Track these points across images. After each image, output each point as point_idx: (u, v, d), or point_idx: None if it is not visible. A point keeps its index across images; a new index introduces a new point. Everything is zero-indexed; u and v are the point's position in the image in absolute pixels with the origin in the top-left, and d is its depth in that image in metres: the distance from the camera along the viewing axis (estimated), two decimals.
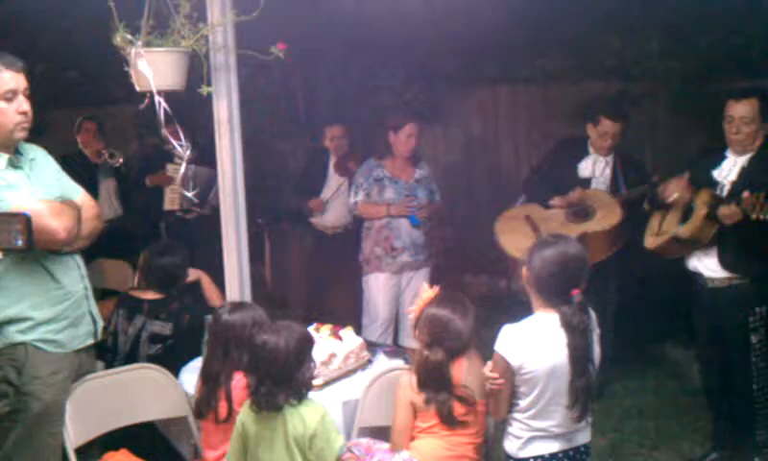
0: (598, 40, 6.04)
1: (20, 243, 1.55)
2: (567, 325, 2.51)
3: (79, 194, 3.02)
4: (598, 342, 2.66)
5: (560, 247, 2.59)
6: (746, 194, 3.33)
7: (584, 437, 2.70)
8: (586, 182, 4.46)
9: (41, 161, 2.95)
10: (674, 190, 3.71)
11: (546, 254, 2.58)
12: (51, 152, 3.08)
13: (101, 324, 3.11)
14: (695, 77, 5.62)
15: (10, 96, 2.72)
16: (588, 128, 4.52)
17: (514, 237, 4.32)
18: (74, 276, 2.94)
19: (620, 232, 4.21)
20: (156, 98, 2.92)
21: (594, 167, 4.51)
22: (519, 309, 2.71)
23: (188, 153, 3.08)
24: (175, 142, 3.07)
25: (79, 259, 2.98)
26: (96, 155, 5.73)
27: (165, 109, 2.94)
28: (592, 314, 2.62)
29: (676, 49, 5.74)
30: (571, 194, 4.39)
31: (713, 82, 5.32)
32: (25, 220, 1.51)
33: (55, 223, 2.68)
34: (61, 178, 3.02)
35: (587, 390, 2.53)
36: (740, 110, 3.53)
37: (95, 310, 3.06)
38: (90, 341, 3.03)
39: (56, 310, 2.84)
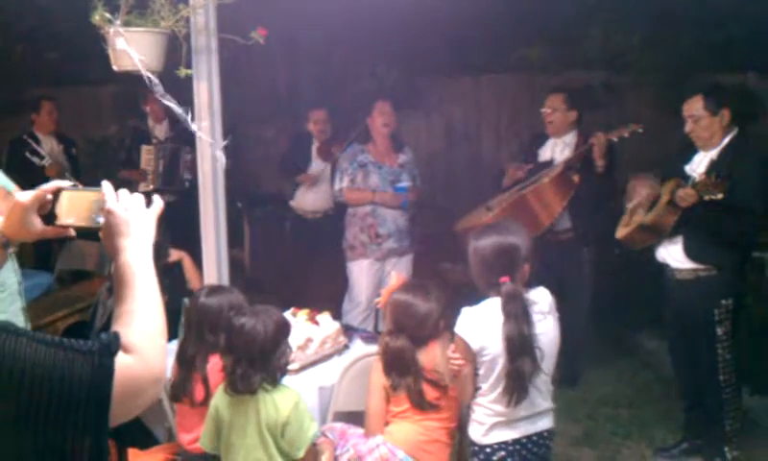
0: (582, 31, 6.06)
1: (101, 220, 1.48)
2: (503, 312, 2.52)
3: (12, 188, 2.75)
4: (557, 325, 2.65)
5: (491, 237, 2.61)
6: (701, 176, 3.43)
7: (547, 422, 2.69)
8: (546, 165, 4.59)
9: None
10: (643, 188, 3.78)
11: (479, 244, 2.61)
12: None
13: (29, 325, 2.91)
14: (677, 70, 5.66)
15: None
16: None
17: (470, 220, 4.60)
18: (8, 267, 2.72)
19: (565, 181, 4.37)
20: (146, 74, 2.88)
21: (554, 150, 4.65)
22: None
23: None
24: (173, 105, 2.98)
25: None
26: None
27: (155, 86, 2.91)
28: (547, 296, 2.64)
29: (659, 42, 5.78)
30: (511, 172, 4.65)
31: (695, 76, 5.36)
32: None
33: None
34: None
35: (520, 376, 2.51)
36: (688, 109, 3.65)
37: (24, 310, 2.87)
38: None
39: None
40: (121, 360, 1.22)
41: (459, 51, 6.50)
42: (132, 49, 2.85)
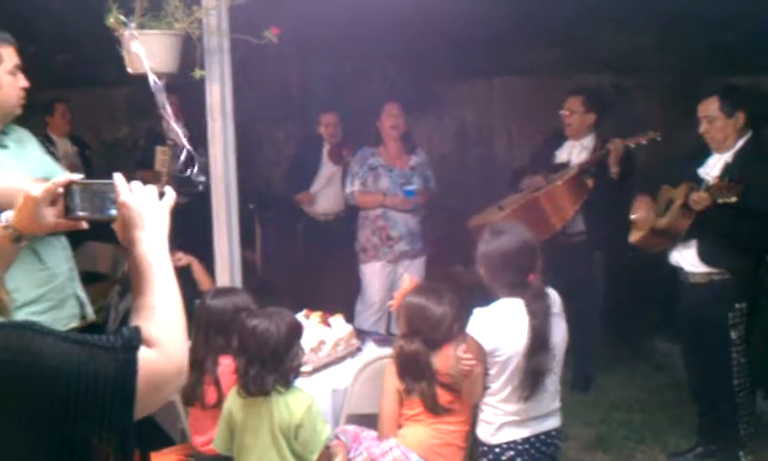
0: (592, 33, 6.04)
1: (114, 213, 1.46)
2: (528, 310, 2.54)
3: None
4: (565, 326, 2.69)
5: (514, 236, 2.62)
6: (714, 179, 3.43)
7: (555, 421, 2.72)
8: (561, 167, 4.57)
9: (27, 142, 2.88)
10: (641, 209, 3.84)
11: (502, 244, 2.61)
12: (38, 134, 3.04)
13: (89, 307, 3.04)
14: (687, 73, 5.63)
15: (15, 71, 2.69)
16: None
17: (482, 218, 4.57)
18: (60, 256, 2.86)
19: (579, 185, 4.36)
20: (152, 77, 2.89)
21: (571, 152, 4.64)
22: None
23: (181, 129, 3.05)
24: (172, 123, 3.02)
25: (64, 240, 2.90)
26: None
27: (160, 90, 2.91)
28: (557, 297, 2.66)
29: (669, 44, 5.75)
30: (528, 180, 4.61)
31: (705, 78, 5.33)
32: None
33: None
34: (45, 158, 2.95)
35: (537, 372, 2.54)
36: (703, 110, 3.64)
37: (81, 293, 2.98)
38: (74, 324, 2.93)
39: (39, 291, 2.74)
40: (144, 355, 1.22)
41: (469, 54, 6.48)
42: (147, 51, 2.85)
